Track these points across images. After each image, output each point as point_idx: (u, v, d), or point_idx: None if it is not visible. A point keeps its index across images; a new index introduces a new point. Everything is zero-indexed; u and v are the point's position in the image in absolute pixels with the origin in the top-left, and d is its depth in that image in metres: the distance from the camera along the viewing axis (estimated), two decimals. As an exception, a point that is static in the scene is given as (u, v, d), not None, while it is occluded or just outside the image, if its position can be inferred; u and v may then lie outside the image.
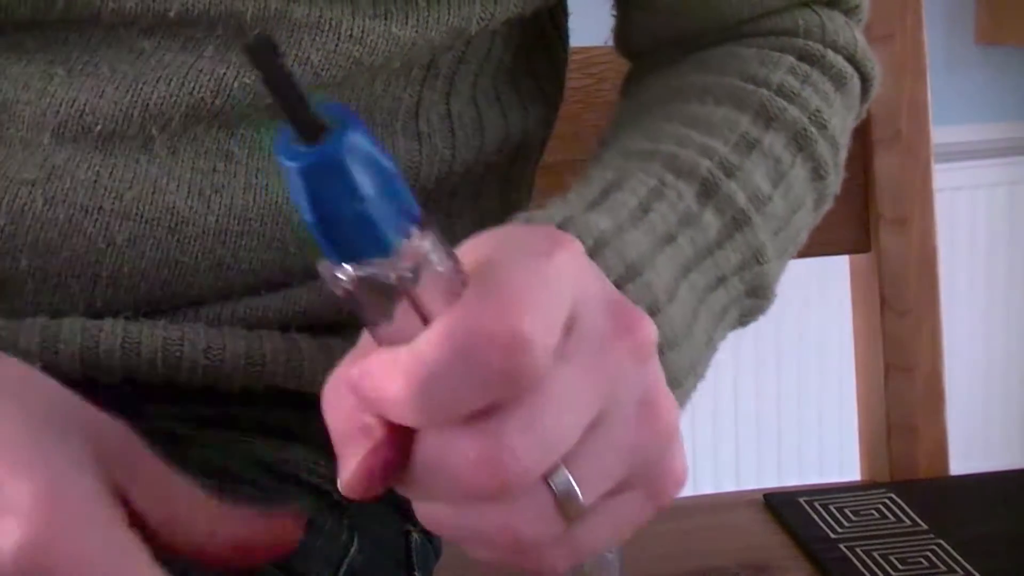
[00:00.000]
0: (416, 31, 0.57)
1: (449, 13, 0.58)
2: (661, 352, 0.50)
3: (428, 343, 0.35)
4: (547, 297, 0.36)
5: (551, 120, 0.73)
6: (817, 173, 0.61)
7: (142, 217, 0.56)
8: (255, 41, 0.31)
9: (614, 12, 0.71)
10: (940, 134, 0.95)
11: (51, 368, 0.59)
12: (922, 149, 0.90)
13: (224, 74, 0.55)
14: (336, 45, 0.56)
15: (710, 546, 0.77)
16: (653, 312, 0.50)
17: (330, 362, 0.40)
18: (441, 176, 0.64)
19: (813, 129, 0.61)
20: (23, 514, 0.38)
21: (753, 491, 0.86)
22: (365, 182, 0.32)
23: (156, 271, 0.58)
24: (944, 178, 1.83)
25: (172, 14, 0.54)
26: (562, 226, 0.49)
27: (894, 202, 0.90)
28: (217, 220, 0.57)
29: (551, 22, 0.72)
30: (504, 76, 0.67)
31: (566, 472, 0.37)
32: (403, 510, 0.64)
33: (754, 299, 0.58)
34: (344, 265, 0.34)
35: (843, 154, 0.65)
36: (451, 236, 0.66)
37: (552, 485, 0.37)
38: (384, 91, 0.60)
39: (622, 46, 0.72)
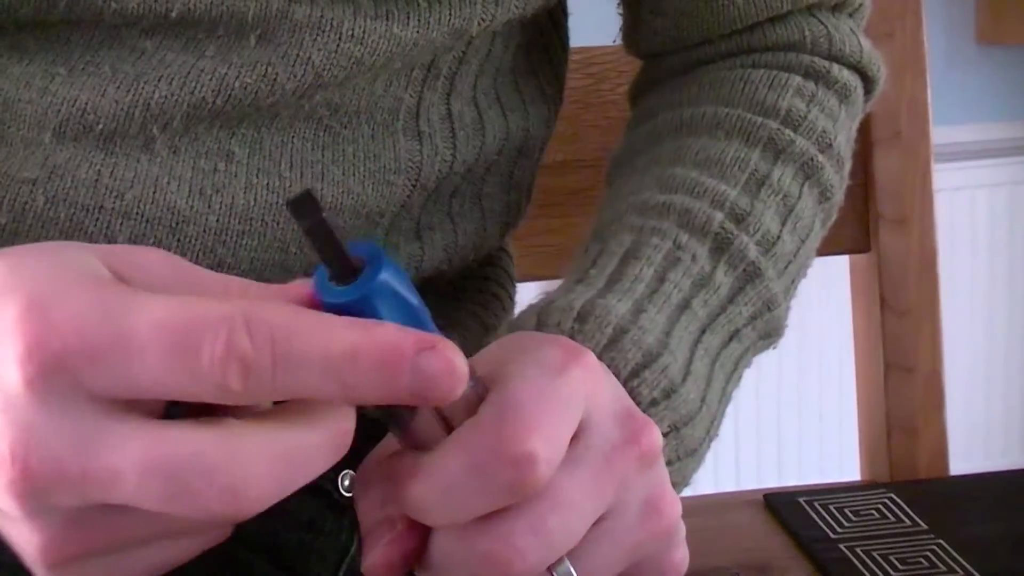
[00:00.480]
0: (417, 31, 0.57)
1: (450, 14, 0.58)
2: (677, 429, 0.52)
3: (445, 455, 0.39)
4: (557, 414, 0.40)
5: (552, 120, 0.73)
6: (824, 196, 0.63)
7: (143, 216, 0.56)
8: (298, 197, 0.35)
9: (621, 12, 0.71)
10: (940, 134, 0.95)
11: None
12: (922, 149, 0.90)
13: (225, 74, 0.55)
14: (337, 45, 0.56)
15: (710, 546, 0.77)
16: (669, 394, 0.52)
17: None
18: (442, 176, 0.64)
19: (820, 156, 0.63)
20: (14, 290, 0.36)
21: (753, 491, 0.85)
22: (391, 316, 0.37)
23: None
24: (944, 178, 1.84)
25: (174, 14, 0.54)
26: (582, 314, 0.52)
27: (894, 202, 0.90)
28: (218, 220, 0.57)
29: (551, 22, 0.72)
30: (505, 76, 0.67)
31: (569, 565, 0.41)
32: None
33: (767, 339, 0.61)
34: None
35: (848, 165, 0.66)
36: (453, 235, 0.66)
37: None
38: (385, 91, 0.60)
39: (631, 47, 0.72)
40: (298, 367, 0.35)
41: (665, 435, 0.51)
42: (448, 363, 0.36)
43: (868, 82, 0.69)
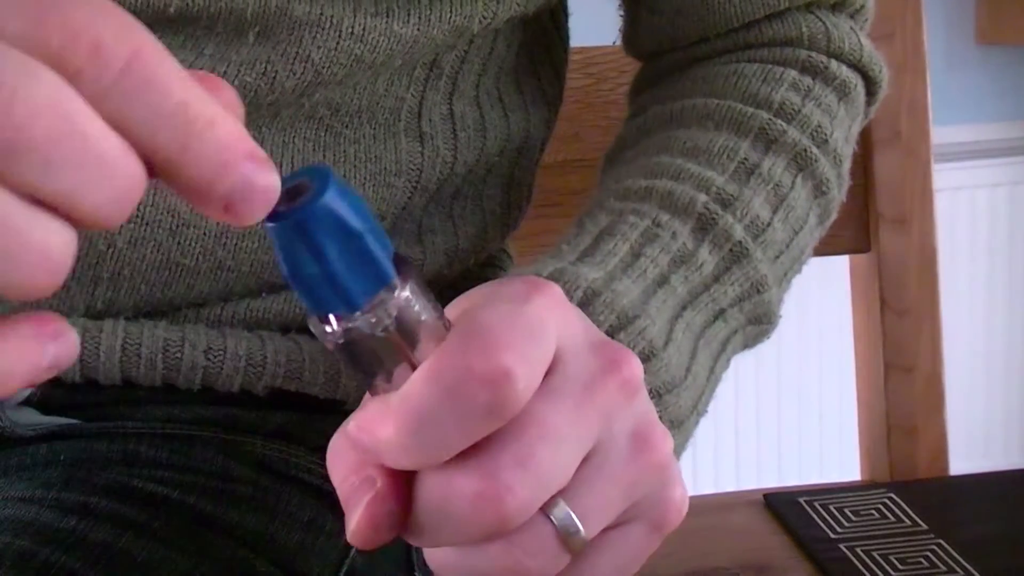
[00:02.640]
0: (418, 29, 0.57)
1: (451, 11, 0.58)
2: (659, 395, 0.51)
3: (414, 385, 0.37)
4: (526, 335, 0.37)
5: (552, 121, 0.73)
6: (819, 190, 0.62)
7: (143, 219, 0.56)
8: None
9: (621, 13, 0.71)
10: (940, 134, 0.95)
11: (51, 368, 0.59)
12: (922, 149, 0.90)
13: (224, 72, 0.55)
14: (337, 43, 0.56)
15: (710, 546, 0.77)
16: (647, 358, 0.50)
17: (330, 363, 0.41)
18: (443, 177, 0.64)
19: (814, 148, 0.61)
20: None
21: (753, 491, 0.86)
22: (331, 243, 0.35)
23: (157, 273, 0.58)
24: (944, 178, 1.84)
25: (172, 10, 0.54)
26: (551, 279, 0.50)
27: (894, 202, 0.90)
28: (218, 222, 0.57)
29: (553, 22, 0.72)
30: (507, 76, 0.67)
31: (565, 506, 0.38)
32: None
33: (757, 325, 0.59)
34: (329, 320, 0.36)
35: (847, 164, 0.65)
36: (454, 237, 0.66)
37: (553, 519, 0.38)
38: (387, 91, 0.60)
39: (630, 47, 0.72)
40: (144, 86, 0.31)
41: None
42: (269, 182, 0.33)
43: (870, 83, 0.68)
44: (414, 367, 0.37)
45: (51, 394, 0.60)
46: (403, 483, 0.38)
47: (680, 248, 0.55)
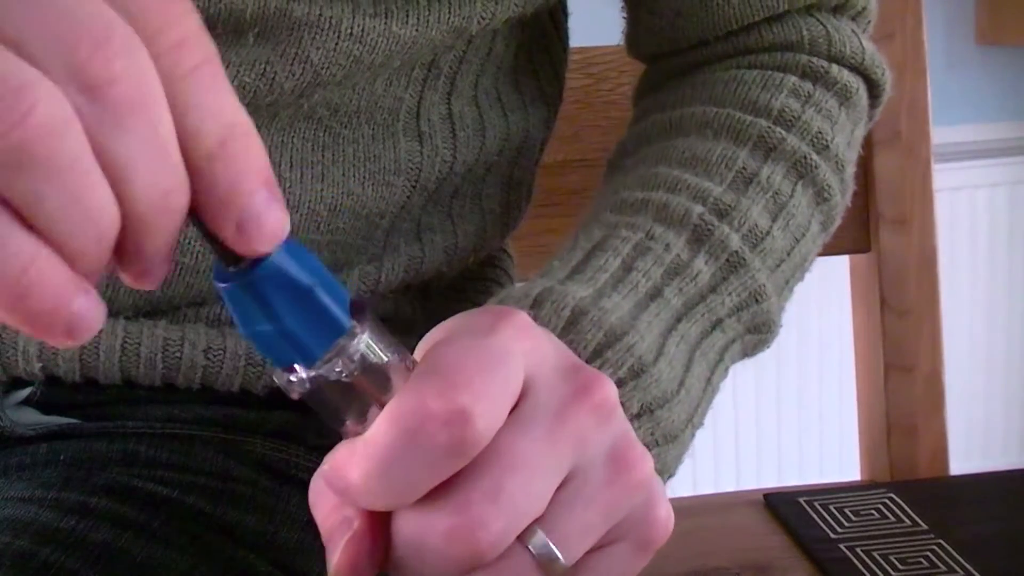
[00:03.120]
0: (416, 30, 0.57)
1: (450, 12, 0.58)
2: (651, 411, 0.51)
3: (377, 429, 0.37)
4: (487, 369, 0.38)
5: (551, 121, 0.73)
6: (821, 197, 0.61)
7: (142, 217, 0.56)
8: None
9: (624, 15, 0.71)
10: (940, 134, 0.95)
11: (50, 369, 0.59)
12: (922, 149, 0.90)
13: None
14: (336, 44, 0.56)
15: (710, 546, 0.77)
16: (637, 373, 0.50)
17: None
18: (442, 177, 0.64)
19: (814, 155, 0.61)
20: None
21: (753, 491, 0.86)
22: (282, 301, 0.36)
23: (156, 272, 0.58)
24: (944, 178, 1.84)
25: None
26: (539, 299, 0.50)
27: (894, 202, 0.90)
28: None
29: (552, 22, 0.72)
30: (506, 76, 0.67)
31: (542, 534, 0.39)
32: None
33: (757, 334, 0.58)
34: (292, 369, 0.37)
35: (851, 169, 0.64)
36: (453, 237, 0.66)
37: (530, 548, 0.39)
38: (385, 91, 0.60)
39: (632, 49, 0.72)
40: (211, 83, 0.34)
41: (637, 416, 0.50)
42: (281, 215, 0.34)
43: (872, 86, 0.67)
44: (383, 407, 0.38)
45: (51, 394, 0.60)
46: (380, 522, 0.39)
47: (674, 260, 0.55)
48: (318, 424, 0.40)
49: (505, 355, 0.39)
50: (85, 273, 0.32)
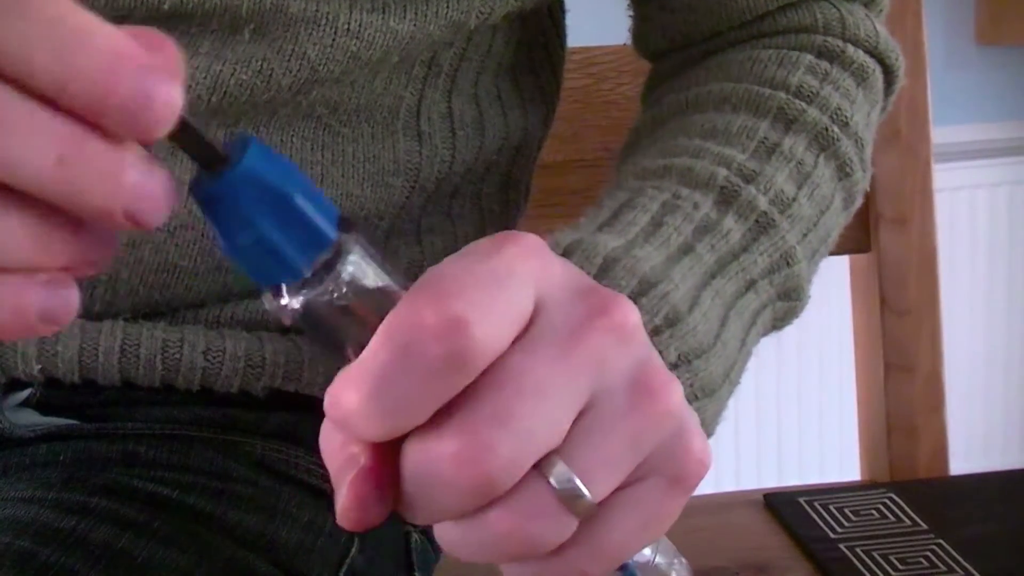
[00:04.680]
0: (414, 25, 0.57)
1: (447, 6, 0.57)
2: (688, 361, 0.49)
3: (370, 347, 0.35)
4: (486, 282, 0.35)
5: (549, 119, 0.73)
6: (843, 171, 0.60)
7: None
8: None
9: (631, 12, 0.70)
10: (940, 134, 0.95)
11: (49, 370, 0.59)
12: (922, 149, 0.90)
13: (220, 71, 0.55)
14: (333, 39, 0.56)
15: (710, 546, 0.77)
16: (673, 322, 0.49)
17: (329, 364, 0.40)
18: (441, 176, 0.64)
19: (835, 128, 0.60)
20: None
21: (753, 491, 0.85)
22: (259, 208, 0.34)
23: (155, 275, 0.58)
24: (944, 178, 1.84)
25: (166, 7, 0.53)
26: (569, 249, 0.49)
27: (894, 202, 0.90)
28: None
29: (551, 19, 0.72)
30: (506, 74, 0.67)
31: (562, 464, 0.36)
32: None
33: (787, 301, 0.57)
34: (281, 292, 0.35)
35: (869, 150, 0.63)
36: (452, 238, 0.66)
37: (551, 479, 0.36)
38: (385, 89, 0.60)
39: (641, 46, 0.71)
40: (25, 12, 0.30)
41: (674, 367, 0.48)
42: (168, 90, 0.31)
43: (887, 71, 0.66)
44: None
45: (50, 395, 0.60)
46: (388, 457, 0.36)
47: (704, 218, 0.53)
48: (318, 425, 0.39)
49: (509, 271, 0.36)
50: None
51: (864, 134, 0.62)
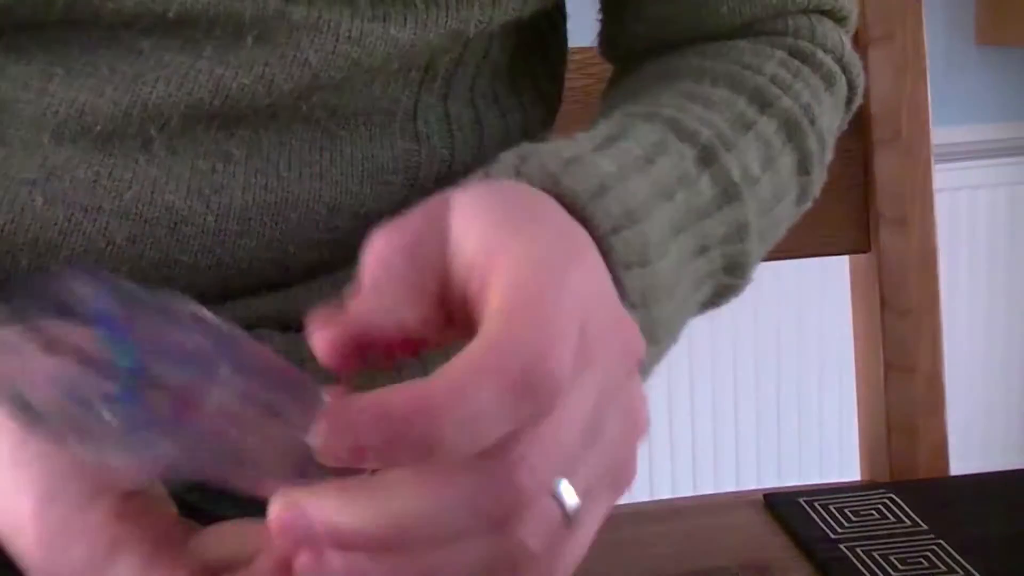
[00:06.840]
0: (414, 33, 0.57)
1: (447, 16, 0.58)
2: (647, 305, 0.50)
3: (474, 380, 0.36)
4: (568, 323, 0.37)
5: (549, 121, 0.73)
6: (803, 166, 0.62)
7: (141, 217, 0.56)
8: None
9: (600, 18, 0.71)
10: (940, 134, 0.95)
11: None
12: (922, 149, 0.90)
13: (223, 75, 0.55)
14: (335, 46, 0.56)
15: (710, 546, 0.77)
16: (643, 263, 0.50)
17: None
18: (441, 176, 0.64)
19: (805, 121, 0.61)
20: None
21: (753, 491, 0.85)
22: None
23: (155, 271, 0.58)
24: (944, 178, 1.84)
25: (171, 14, 0.54)
26: (568, 164, 0.49)
27: (894, 202, 0.90)
28: (216, 220, 0.57)
29: (549, 25, 0.72)
30: (502, 78, 0.67)
31: (564, 479, 0.38)
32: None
33: (731, 278, 0.58)
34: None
35: (828, 155, 0.65)
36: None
37: (557, 495, 0.38)
38: (382, 93, 0.60)
39: (609, 51, 0.72)
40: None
41: (634, 307, 0.49)
42: None
43: (849, 87, 0.68)
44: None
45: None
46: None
47: (686, 170, 0.55)
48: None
49: (577, 307, 0.38)
50: None
51: (827, 136, 0.64)
